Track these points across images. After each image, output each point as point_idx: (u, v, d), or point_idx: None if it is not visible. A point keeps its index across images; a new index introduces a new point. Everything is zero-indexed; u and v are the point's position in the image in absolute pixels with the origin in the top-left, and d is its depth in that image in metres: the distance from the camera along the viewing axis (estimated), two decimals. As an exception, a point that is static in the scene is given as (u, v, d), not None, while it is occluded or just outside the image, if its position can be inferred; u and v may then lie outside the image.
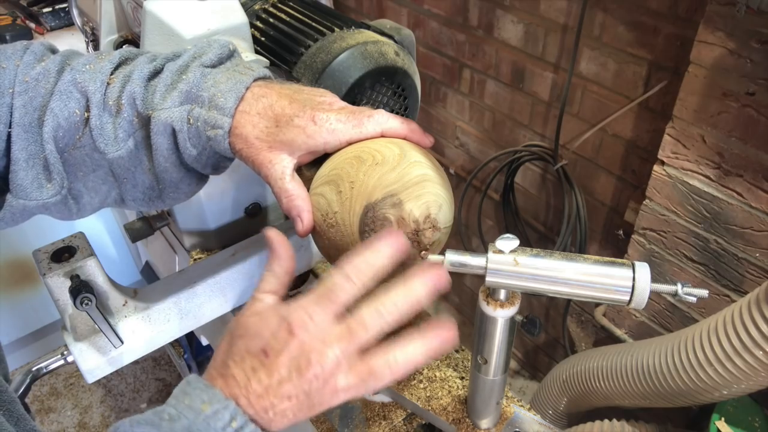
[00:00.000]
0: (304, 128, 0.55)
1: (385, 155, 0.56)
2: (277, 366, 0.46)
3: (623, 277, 0.56)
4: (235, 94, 0.55)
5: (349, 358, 0.46)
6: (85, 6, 1.15)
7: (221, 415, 0.44)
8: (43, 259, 0.81)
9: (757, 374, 0.77)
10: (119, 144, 0.57)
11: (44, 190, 0.57)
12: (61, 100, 0.55)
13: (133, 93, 0.57)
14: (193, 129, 0.56)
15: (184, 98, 0.56)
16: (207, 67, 0.58)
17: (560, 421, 1.20)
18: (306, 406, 0.46)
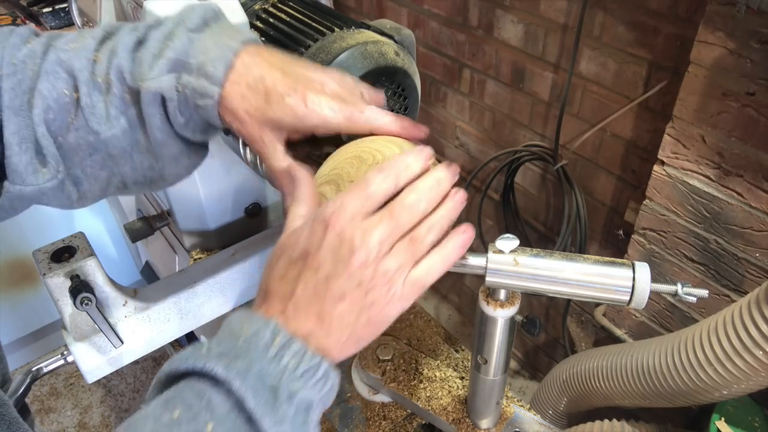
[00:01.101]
0: (294, 109, 0.54)
1: (385, 155, 0.55)
2: (319, 262, 0.44)
3: (623, 277, 0.56)
4: (224, 62, 0.54)
5: (393, 238, 0.45)
6: (85, 6, 1.15)
7: (262, 334, 0.42)
8: (43, 259, 0.81)
9: (757, 374, 0.77)
10: (112, 122, 0.56)
11: (39, 174, 0.55)
12: (48, 81, 0.54)
13: (120, 67, 0.55)
14: (182, 97, 0.54)
15: (172, 66, 0.55)
16: (193, 31, 0.56)
17: (560, 421, 1.20)
18: (364, 306, 0.44)
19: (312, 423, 0.42)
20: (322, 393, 0.43)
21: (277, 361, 0.41)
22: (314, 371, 0.42)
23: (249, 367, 0.40)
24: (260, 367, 0.41)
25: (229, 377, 0.39)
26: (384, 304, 0.44)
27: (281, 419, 0.40)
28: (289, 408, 0.41)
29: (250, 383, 0.39)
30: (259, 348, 0.41)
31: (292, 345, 0.42)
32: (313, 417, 0.43)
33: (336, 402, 0.92)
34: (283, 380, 0.41)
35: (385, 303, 0.44)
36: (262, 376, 0.40)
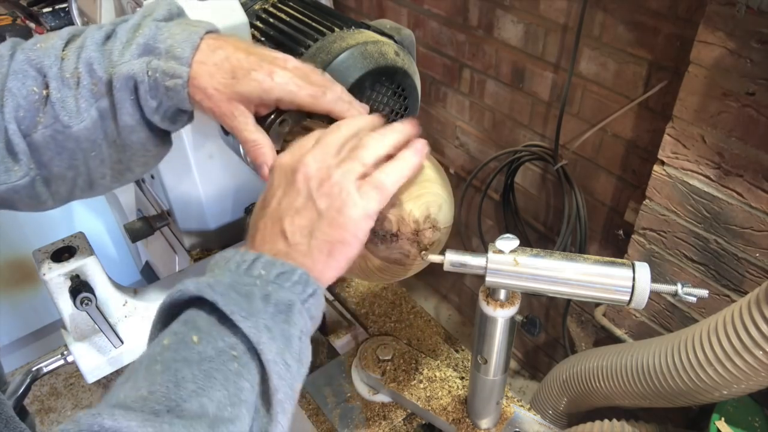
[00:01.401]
0: (260, 82, 0.57)
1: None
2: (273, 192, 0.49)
3: (623, 277, 0.56)
4: (191, 44, 0.56)
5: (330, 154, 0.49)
6: (85, 6, 1.15)
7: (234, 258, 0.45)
8: (43, 259, 0.81)
9: (757, 374, 0.77)
10: (82, 115, 0.57)
11: (12, 173, 0.57)
12: (18, 79, 0.56)
13: (89, 59, 0.57)
14: (152, 81, 0.57)
15: (142, 50, 0.57)
16: (160, 21, 0.59)
17: (560, 421, 1.20)
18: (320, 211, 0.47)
19: (296, 323, 0.44)
20: (303, 296, 0.45)
21: (248, 273, 0.45)
22: (289, 275, 0.45)
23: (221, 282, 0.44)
24: (232, 279, 0.44)
25: (202, 292, 0.42)
26: (340, 206, 0.47)
27: (253, 313, 0.42)
28: (266, 306, 0.43)
29: (219, 290, 0.42)
30: (231, 268, 0.45)
31: (262, 258, 0.45)
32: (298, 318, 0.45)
33: (336, 402, 0.92)
34: (257, 286, 0.44)
35: (341, 204, 0.47)
36: (233, 285, 0.44)
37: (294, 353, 0.43)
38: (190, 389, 0.38)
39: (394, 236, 0.54)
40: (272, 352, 0.41)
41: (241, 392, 0.40)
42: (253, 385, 0.41)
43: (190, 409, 0.38)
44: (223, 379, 0.39)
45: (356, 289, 1.14)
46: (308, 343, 0.46)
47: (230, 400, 0.39)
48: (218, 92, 0.57)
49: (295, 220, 0.47)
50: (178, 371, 0.39)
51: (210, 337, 0.41)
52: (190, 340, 0.41)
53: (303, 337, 0.45)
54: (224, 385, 0.39)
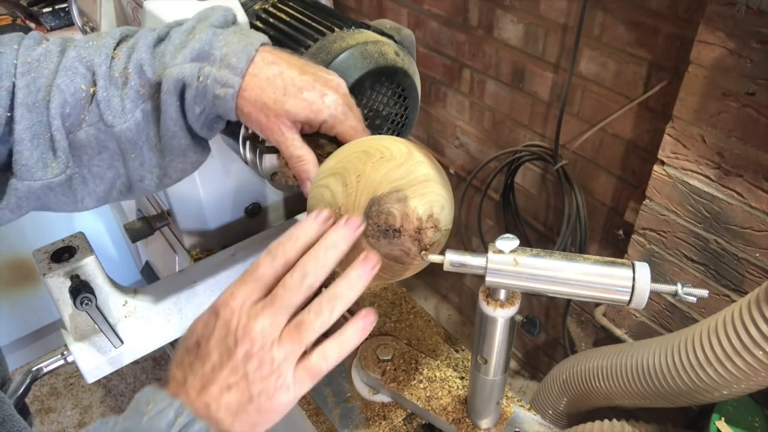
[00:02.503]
0: (311, 103, 0.57)
1: (392, 152, 0.56)
2: (208, 352, 0.44)
3: (623, 277, 0.56)
4: (246, 55, 0.56)
5: (279, 326, 0.44)
6: (85, 6, 1.15)
7: (165, 413, 0.42)
8: (43, 259, 0.81)
9: (757, 374, 0.77)
10: (127, 115, 0.57)
11: (49, 169, 0.56)
12: (67, 76, 0.56)
13: (140, 60, 0.57)
14: (201, 86, 0.56)
15: (196, 55, 0.57)
16: (216, 27, 0.59)
17: (560, 421, 1.20)
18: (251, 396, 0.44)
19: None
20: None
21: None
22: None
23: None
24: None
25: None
26: (273, 393, 0.44)
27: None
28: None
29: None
30: (162, 428, 0.42)
31: (195, 425, 0.42)
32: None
33: (336, 402, 0.92)
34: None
35: (274, 392, 0.44)
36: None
37: None
38: None
39: (396, 232, 0.54)
40: None
41: None
42: None
43: None
44: None
45: (356, 289, 1.14)
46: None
47: None
48: (267, 107, 0.57)
49: (224, 397, 0.44)
50: None
51: None
52: None
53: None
54: None
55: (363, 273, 0.47)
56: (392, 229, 0.54)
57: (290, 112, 0.57)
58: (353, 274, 0.47)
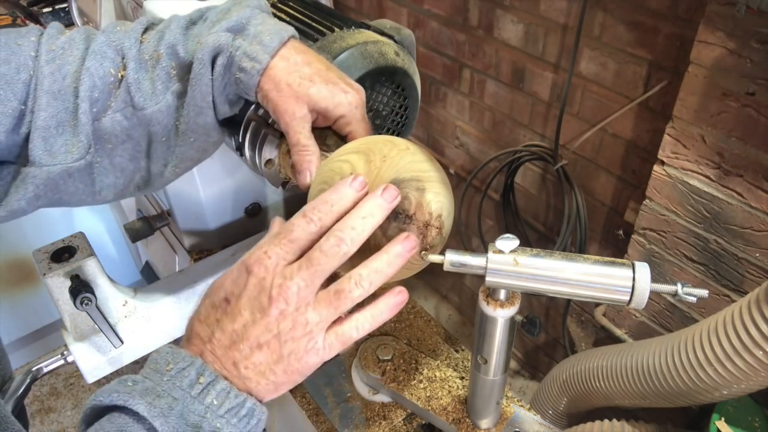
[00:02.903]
0: (333, 95, 0.58)
1: (415, 149, 0.59)
2: (239, 309, 0.44)
3: (623, 277, 0.56)
4: (279, 37, 0.57)
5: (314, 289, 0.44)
6: (85, 6, 1.15)
7: (187, 372, 0.42)
8: (43, 259, 0.81)
9: (757, 374, 0.77)
10: (158, 97, 0.57)
11: (69, 154, 0.56)
12: (96, 59, 0.56)
13: (173, 41, 0.57)
14: (230, 57, 0.57)
15: (232, 26, 0.57)
16: (252, 8, 0.60)
17: (560, 421, 1.20)
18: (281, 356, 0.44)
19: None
20: (247, 429, 0.43)
21: (201, 399, 0.42)
22: (238, 410, 0.43)
23: (172, 405, 0.41)
24: (183, 405, 0.41)
25: (151, 415, 0.40)
26: (302, 354, 0.44)
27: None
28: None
29: (172, 423, 0.40)
30: (184, 386, 0.42)
31: (217, 385, 0.42)
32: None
33: (336, 402, 0.92)
34: (206, 418, 0.41)
35: (304, 353, 0.44)
36: (184, 414, 0.41)
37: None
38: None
39: (408, 218, 0.55)
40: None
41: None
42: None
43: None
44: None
45: (356, 289, 1.14)
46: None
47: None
48: (290, 88, 0.57)
49: (254, 355, 0.44)
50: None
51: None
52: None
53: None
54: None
55: (403, 251, 0.47)
56: (405, 214, 0.55)
57: (312, 97, 0.58)
58: (393, 250, 0.47)
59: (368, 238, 0.55)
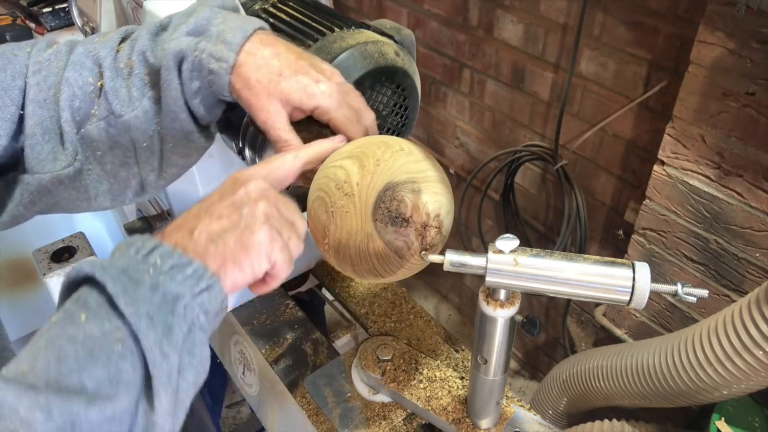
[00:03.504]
0: (305, 86, 0.57)
1: (411, 149, 0.58)
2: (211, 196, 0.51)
3: (623, 277, 0.56)
4: (243, 32, 0.57)
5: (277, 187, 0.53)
6: (85, 6, 1.15)
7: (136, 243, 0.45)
8: (43, 259, 0.81)
9: (757, 374, 0.77)
10: (134, 104, 0.58)
11: (58, 162, 0.58)
12: (75, 69, 0.58)
13: (143, 48, 0.58)
14: (196, 61, 0.57)
15: (193, 29, 0.57)
16: (215, 8, 0.60)
17: (560, 421, 1.20)
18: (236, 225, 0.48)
19: (183, 315, 0.44)
20: (195, 289, 0.45)
21: (145, 260, 0.44)
22: (182, 268, 0.45)
23: (114, 264, 0.44)
24: (126, 263, 0.44)
25: (95, 272, 0.43)
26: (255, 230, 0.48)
27: (138, 299, 0.42)
28: (153, 295, 0.43)
29: (111, 273, 0.43)
30: (131, 253, 0.45)
31: (161, 248, 0.45)
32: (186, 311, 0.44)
33: (336, 402, 0.92)
34: (149, 274, 0.44)
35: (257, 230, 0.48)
36: (126, 270, 0.44)
37: (175, 344, 0.43)
38: (71, 366, 0.39)
39: (405, 221, 0.55)
40: (149, 340, 0.42)
41: (121, 373, 0.40)
42: (135, 368, 0.41)
43: (68, 384, 0.38)
44: (105, 359, 0.40)
45: (356, 289, 1.14)
46: (202, 336, 0.46)
47: (110, 379, 0.40)
48: (260, 84, 0.57)
49: (211, 224, 0.48)
50: (61, 348, 0.40)
51: (97, 318, 0.42)
52: (78, 318, 0.42)
53: (194, 330, 0.45)
54: (105, 365, 0.40)
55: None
56: (402, 218, 0.55)
57: (284, 92, 0.57)
58: None
59: (358, 243, 0.55)
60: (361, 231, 0.55)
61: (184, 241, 0.47)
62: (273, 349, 1.02)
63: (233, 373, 1.19)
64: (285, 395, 0.97)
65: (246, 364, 1.10)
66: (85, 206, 0.63)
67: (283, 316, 1.08)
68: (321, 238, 0.59)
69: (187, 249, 0.46)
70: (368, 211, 0.55)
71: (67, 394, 0.38)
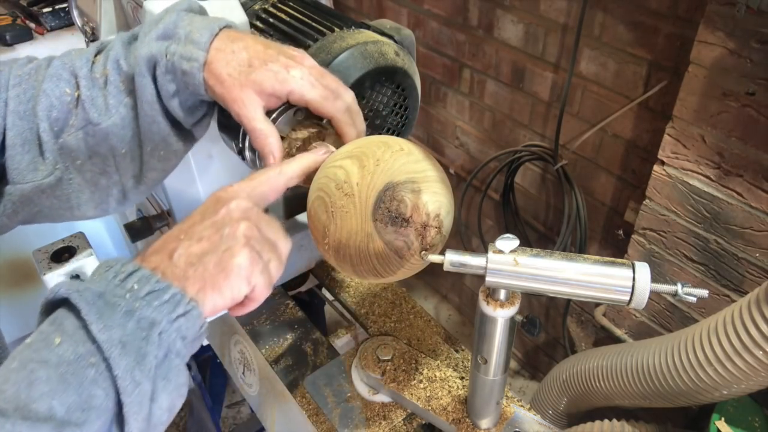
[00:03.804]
0: (276, 73, 0.58)
1: (410, 149, 0.58)
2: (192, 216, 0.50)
3: (623, 277, 0.56)
4: (210, 31, 0.58)
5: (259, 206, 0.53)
6: (85, 6, 1.15)
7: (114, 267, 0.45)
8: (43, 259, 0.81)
9: (757, 374, 0.77)
10: (111, 111, 0.59)
11: (38, 171, 0.59)
12: (53, 81, 0.59)
13: (116, 57, 0.59)
14: (169, 64, 0.58)
15: (161, 34, 0.58)
16: (182, 12, 0.61)
17: (560, 421, 1.20)
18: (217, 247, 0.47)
19: (157, 342, 0.44)
20: (172, 315, 0.44)
21: (122, 285, 0.44)
22: (160, 294, 0.44)
23: (91, 288, 0.44)
24: (104, 287, 0.44)
25: (70, 296, 0.43)
26: (236, 253, 0.48)
27: (111, 326, 0.42)
28: (127, 321, 0.43)
29: (86, 297, 0.43)
30: (109, 277, 0.45)
31: (139, 272, 0.45)
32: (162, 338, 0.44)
33: (336, 402, 0.92)
34: (125, 299, 0.43)
35: (237, 253, 0.48)
36: (102, 294, 0.43)
37: (147, 371, 0.42)
38: (42, 390, 0.39)
39: (405, 221, 0.55)
40: (120, 368, 0.41)
41: (93, 399, 0.40)
42: (107, 394, 0.41)
43: (37, 410, 0.38)
44: (77, 384, 0.40)
45: (356, 289, 1.14)
46: (179, 362, 0.45)
47: (81, 405, 0.39)
48: (232, 78, 0.57)
49: (191, 247, 0.47)
50: (33, 371, 0.40)
51: (72, 341, 0.41)
52: (52, 341, 0.41)
53: (170, 356, 0.44)
54: (77, 391, 0.40)
55: None
56: (402, 218, 0.55)
57: (256, 81, 0.58)
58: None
59: (358, 243, 0.55)
60: (361, 231, 0.55)
61: (163, 265, 0.46)
62: (273, 349, 1.02)
63: (233, 373, 1.19)
64: (285, 395, 0.97)
65: (246, 364, 1.10)
66: (68, 215, 0.64)
67: (283, 316, 1.08)
68: (321, 238, 0.59)
69: (166, 273, 0.46)
70: (368, 211, 0.55)
71: (36, 420, 0.37)
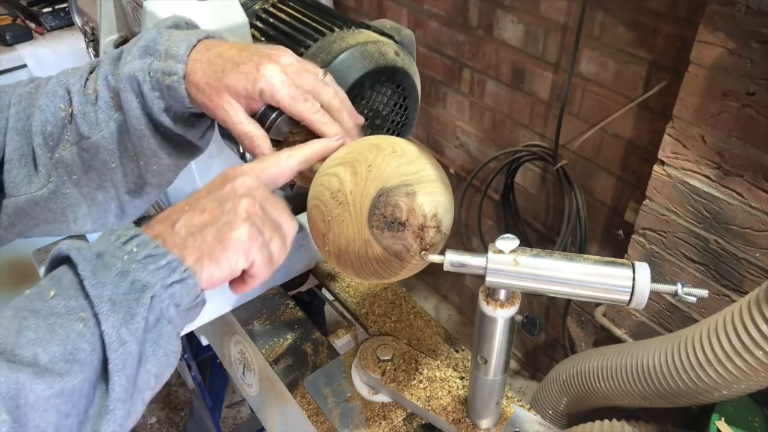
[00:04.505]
0: (247, 74, 0.58)
1: (404, 149, 0.57)
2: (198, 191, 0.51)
3: (623, 277, 0.56)
4: (187, 43, 0.59)
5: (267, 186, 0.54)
6: (85, 6, 1.15)
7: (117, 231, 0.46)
8: (43, 259, 0.81)
9: (757, 374, 0.77)
10: (101, 125, 0.61)
11: (32, 184, 0.62)
12: (48, 98, 0.61)
13: (105, 73, 0.61)
14: (154, 81, 0.59)
15: (142, 52, 0.60)
16: (163, 28, 0.62)
17: (560, 421, 1.20)
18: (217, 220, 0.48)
19: (149, 305, 0.44)
20: (166, 281, 0.45)
21: (121, 247, 0.45)
22: (157, 259, 0.45)
23: (91, 248, 0.45)
24: (104, 248, 0.45)
25: (70, 253, 0.44)
26: (236, 227, 0.49)
27: (104, 283, 0.43)
28: (121, 281, 0.44)
29: (85, 255, 0.44)
30: (110, 239, 0.46)
31: (140, 236, 0.46)
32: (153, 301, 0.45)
33: (336, 402, 0.92)
34: (122, 260, 0.44)
35: (238, 227, 0.49)
36: (101, 254, 0.44)
37: (135, 332, 0.43)
38: (29, 338, 0.40)
39: (401, 225, 0.55)
40: (107, 324, 0.42)
41: (78, 352, 0.41)
42: (94, 349, 0.42)
43: (22, 355, 0.39)
44: (64, 336, 0.41)
45: (356, 289, 1.14)
46: (171, 329, 0.46)
47: (65, 356, 0.40)
48: (209, 86, 0.58)
49: (193, 218, 0.48)
50: (24, 319, 0.41)
51: (66, 295, 0.43)
52: (47, 294, 0.43)
53: (162, 321, 0.45)
54: (63, 342, 0.41)
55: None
56: (398, 222, 0.54)
57: (229, 85, 0.58)
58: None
59: (357, 249, 0.55)
60: (358, 238, 0.55)
61: (165, 233, 0.47)
62: (273, 349, 1.02)
63: (233, 373, 1.19)
64: (285, 395, 0.97)
65: (246, 364, 1.10)
66: (65, 229, 0.66)
67: (283, 316, 1.08)
68: (322, 245, 0.59)
69: (167, 241, 0.47)
70: (364, 219, 0.55)
71: (18, 364, 0.39)
